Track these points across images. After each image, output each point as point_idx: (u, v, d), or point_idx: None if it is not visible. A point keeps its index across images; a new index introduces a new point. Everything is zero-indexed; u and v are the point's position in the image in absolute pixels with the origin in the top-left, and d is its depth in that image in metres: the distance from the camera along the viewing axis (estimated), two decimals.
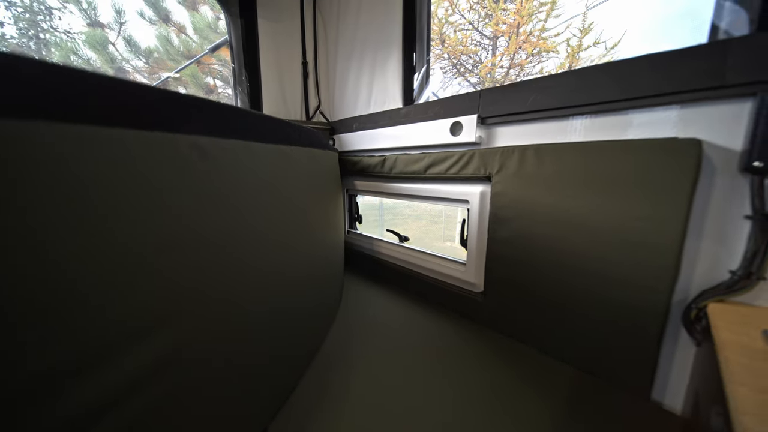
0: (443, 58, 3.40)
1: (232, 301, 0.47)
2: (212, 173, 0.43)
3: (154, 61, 3.91)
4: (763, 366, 0.37)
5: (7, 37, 4.42)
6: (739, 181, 0.53)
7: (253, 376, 0.53)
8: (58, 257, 0.26)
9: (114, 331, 0.30)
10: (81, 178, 0.28)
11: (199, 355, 0.41)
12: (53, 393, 0.26)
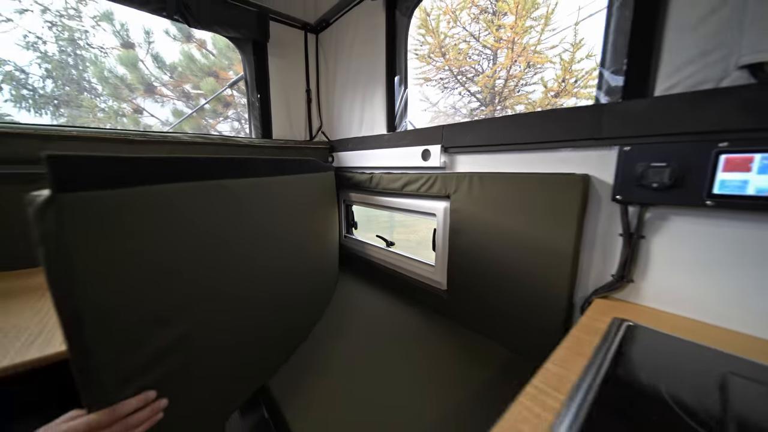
0: (444, 70, 3.57)
1: (246, 287, 0.69)
2: (232, 202, 0.65)
3: (177, 75, 4.26)
4: (588, 338, 0.56)
5: (50, 54, 4.90)
6: (614, 208, 0.71)
7: (260, 342, 0.75)
8: (156, 259, 0.48)
9: (170, 305, 0.53)
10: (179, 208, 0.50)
11: (221, 326, 0.63)
12: (130, 344, 0.48)
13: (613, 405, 0.40)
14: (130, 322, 0.46)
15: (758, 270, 0.55)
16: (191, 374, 0.56)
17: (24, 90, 4.66)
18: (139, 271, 0.47)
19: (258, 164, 0.74)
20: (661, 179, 0.59)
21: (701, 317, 0.62)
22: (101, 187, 0.42)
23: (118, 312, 0.45)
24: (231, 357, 0.67)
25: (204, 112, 4.63)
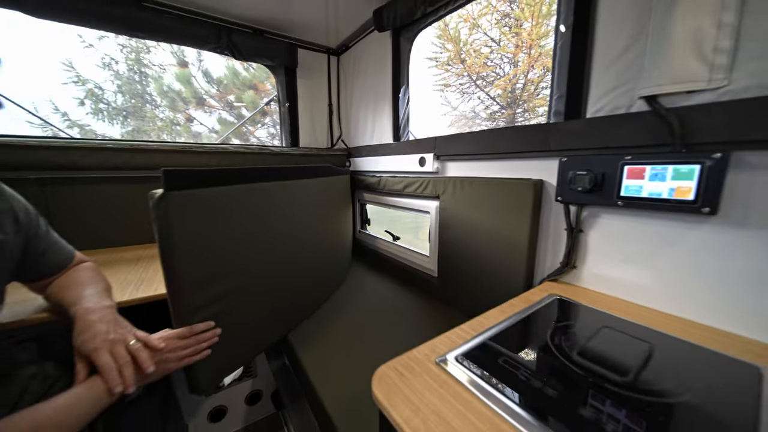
0: (463, 76, 3.69)
1: (276, 262, 0.95)
2: (267, 199, 0.90)
3: (222, 87, 4.80)
4: (519, 304, 0.74)
5: (121, 73, 5.73)
6: (560, 207, 0.86)
7: (284, 303, 1.00)
8: (218, 234, 0.75)
9: (224, 266, 0.79)
10: (224, 207, 0.76)
11: (257, 287, 0.89)
12: (207, 283, 0.75)
13: (500, 342, 0.59)
14: (201, 273, 0.73)
15: (655, 257, 0.70)
16: (235, 316, 0.82)
17: (101, 104, 5.50)
18: (208, 242, 0.73)
19: (285, 171, 1.00)
20: (584, 184, 0.75)
21: (617, 294, 0.77)
22: (189, 188, 0.68)
23: (196, 266, 0.71)
24: (263, 310, 0.93)
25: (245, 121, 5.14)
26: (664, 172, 0.64)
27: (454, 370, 0.50)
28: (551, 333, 0.61)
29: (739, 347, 0.55)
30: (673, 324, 0.64)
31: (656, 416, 0.40)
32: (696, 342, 0.57)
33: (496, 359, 0.53)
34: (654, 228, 0.69)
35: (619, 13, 0.71)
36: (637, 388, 0.45)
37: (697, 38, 0.58)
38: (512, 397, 0.44)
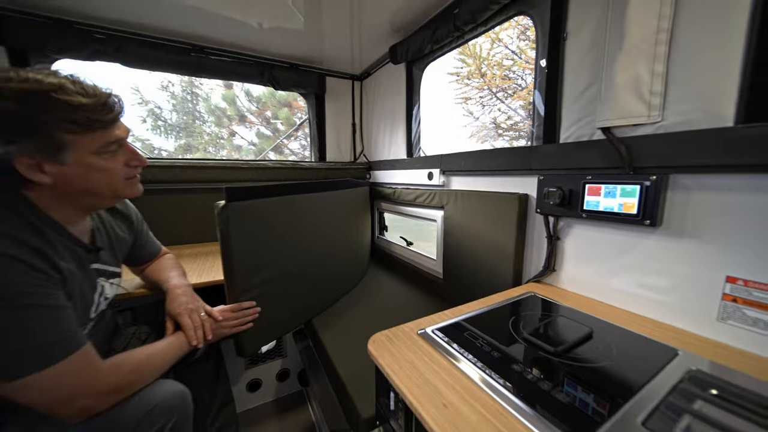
0: (483, 89, 3.81)
1: (304, 259, 1.17)
2: (296, 209, 1.13)
3: (261, 105, 5.32)
4: (498, 298, 0.89)
5: (176, 94, 6.52)
6: (542, 218, 1.00)
7: (310, 293, 1.22)
8: (261, 236, 0.98)
9: (265, 260, 1.02)
10: (265, 215, 1.00)
11: (287, 278, 1.11)
12: (252, 272, 0.98)
13: (470, 323, 0.75)
14: (248, 264, 0.96)
15: (615, 261, 0.82)
16: (271, 300, 1.05)
17: (159, 121, 6.29)
18: (253, 241, 0.97)
19: (312, 185, 1.23)
20: (555, 199, 0.89)
21: (585, 293, 0.90)
22: (242, 200, 0.92)
23: (245, 259, 0.95)
24: (292, 297, 1.15)
25: (279, 133, 5.62)
26: (614, 191, 0.77)
27: (428, 338, 0.68)
28: (514, 319, 0.76)
29: (668, 335, 0.67)
30: (622, 316, 0.77)
31: (571, 373, 0.55)
32: (632, 329, 0.69)
33: (462, 333, 0.69)
34: (615, 237, 0.82)
35: (578, 61, 0.86)
36: (563, 356, 0.60)
37: (636, 83, 0.72)
38: (466, 356, 0.60)
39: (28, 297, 0.55)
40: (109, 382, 0.63)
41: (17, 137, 0.57)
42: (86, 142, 0.62)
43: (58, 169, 0.61)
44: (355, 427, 0.77)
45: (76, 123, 0.60)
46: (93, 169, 0.65)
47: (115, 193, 0.72)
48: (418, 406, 0.49)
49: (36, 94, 0.56)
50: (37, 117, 0.56)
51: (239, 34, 1.54)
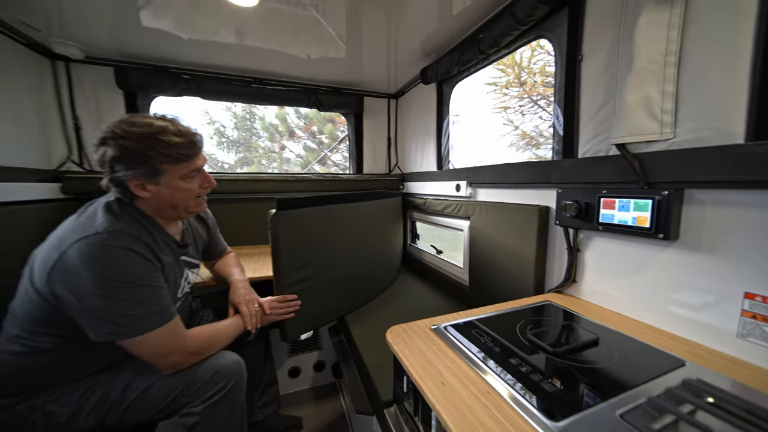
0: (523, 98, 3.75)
1: (340, 262, 1.32)
2: (334, 218, 1.30)
3: (308, 120, 5.80)
4: (515, 305, 0.94)
5: (237, 114, 7.39)
6: (562, 230, 1.03)
7: (344, 292, 1.37)
8: (304, 240, 1.16)
9: (307, 260, 1.19)
10: (308, 222, 1.18)
11: (325, 278, 1.27)
12: (296, 270, 1.15)
13: (481, 322, 0.82)
14: (293, 263, 1.14)
15: (630, 273, 0.83)
16: (310, 295, 1.21)
17: (223, 138, 7.17)
18: (298, 244, 1.15)
19: (349, 196, 1.39)
20: (571, 212, 0.92)
21: (603, 303, 0.91)
22: (289, 208, 1.11)
23: (290, 258, 1.13)
24: (329, 295, 1.30)
25: (324, 146, 6.05)
26: (628, 204, 0.79)
27: (439, 332, 0.77)
28: (523, 323, 0.81)
29: (681, 348, 0.68)
30: (636, 327, 0.78)
31: (564, 370, 0.61)
32: (643, 340, 0.71)
33: (471, 330, 0.77)
34: (632, 250, 0.83)
35: (594, 80, 0.90)
36: (561, 356, 0.65)
37: (647, 102, 0.75)
38: (469, 347, 0.69)
39: (143, 279, 0.77)
40: (191, 346, 0.83)
41: (132, 165, 0.80)
42: (176, 170, 0.84)
43: (155, 189, 0.84)
44: (376, 407, 0.88)
45: (170, 157, 0.82)
46: (177, 189, 0.87)
47: (187, 209, 0.93)
48: (420, 382, 0.59)
49: (148, 136, 0.79)
50: (146, 152, 0.79)
51: (291, 65, 1.80)
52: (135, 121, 0.80)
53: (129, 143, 0.78)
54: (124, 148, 0.77)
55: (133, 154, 0.78)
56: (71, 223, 0.80)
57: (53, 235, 0.78)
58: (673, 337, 0.73)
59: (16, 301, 0.79)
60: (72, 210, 0.87)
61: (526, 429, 0.47)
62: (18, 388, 0.75)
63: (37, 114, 1.48)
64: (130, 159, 0.78)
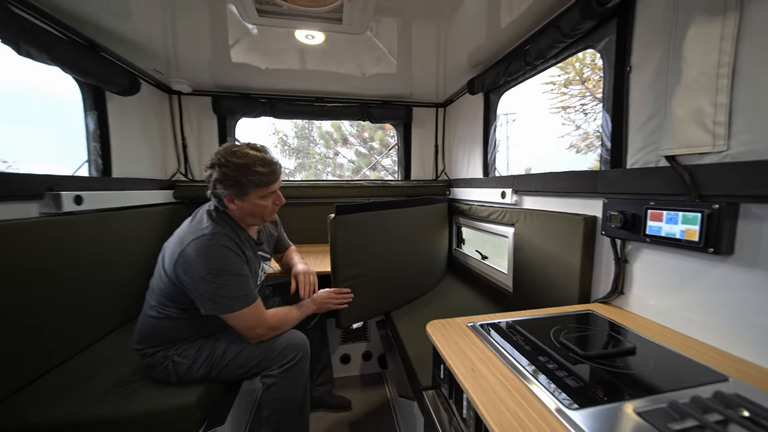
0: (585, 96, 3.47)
1: (388, 263, 1.47)
2: (384, 222, 1.45)
3: (360, 127, 6.13)
4: (556, 311, 0.97)
5: (298, 123, 8.13)
6: (609, 240, 1.02)
7: (391, 288, 1.51)
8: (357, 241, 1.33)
9: (359, 258, 1.36)
10: (361, 225, 1.34)
11: (374, 275, 1.43)
12: (350, 266, 1.33)
13: (518, 324, 0.88)
14: (347, 260, 1.31)
15: (680, 286, 0.81)
16: (361, 290, 1.38)
17: (285, 146, 7.95)
18: (351, 244, 1.32)
19: (397, 203, 1.53)
20: (616, 222, 0.92)
21: (651, 317, 0.89)
22: (346, 213, 1.28)
23: (345, 256, 1.30)
24: (378, 291, 1.46)
25: (374, 151, 6.33)
26: (676, 217, 0.79)
27: (474, 328, 0.85)
28: (559, 327, 0.85)
29: (729, 364, 0.66)
30: (683, 341, 0.76)
31: (591, 371, 0.65)
32: (687, 354, 0.71)
33: (505, 329, 0.84)
34: (683, 264, 0.81)
35: (642, 92, 0.90)
36: (592, 359, 0.69)
37: (698, 114, 0.74)
38: (500, 343, 0.76)
39: (235, 270, 1.00)
40: (270, 322, 1.05)
41: (228, 187, 1.03)
42: (257, 192, 1.07)
43: (240, 203, 1.07)
44: (417, 392, 1.00)
45: (255, 183, 1.04)
46: (256, 206, 1.09)
47: (263, 219, 1.16)
48: (454, 367, 0.69)
49: (243, 167, 1.02)
50: (240, 179, 1.02)
51: (347, 83, 2.01)
52: (235, 151, 1.04)
53: (229, 171, 1.02)
54: (224, 174, 1.02)
55: (230, 180, 1.02)
56: (188, 225, 1.07)
57: (176, 234, 1.06)
58: (723, 353, 0.71)
59: (154, 280, 1.09)
60: (180, 211, 1.15)
61: (543, 412, 0.54)
62: (156, 342, 1.04)
63: (159, 137, 1.92)
64: (228, 182, 1.03)
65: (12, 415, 0.89)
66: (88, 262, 1.26)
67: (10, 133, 4.85)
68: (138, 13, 1.20)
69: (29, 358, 1.02)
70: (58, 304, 1.12)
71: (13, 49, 1.02)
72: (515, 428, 0.51)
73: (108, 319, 1.38)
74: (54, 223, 1.14)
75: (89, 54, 1.32)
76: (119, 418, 0.92)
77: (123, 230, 1.47)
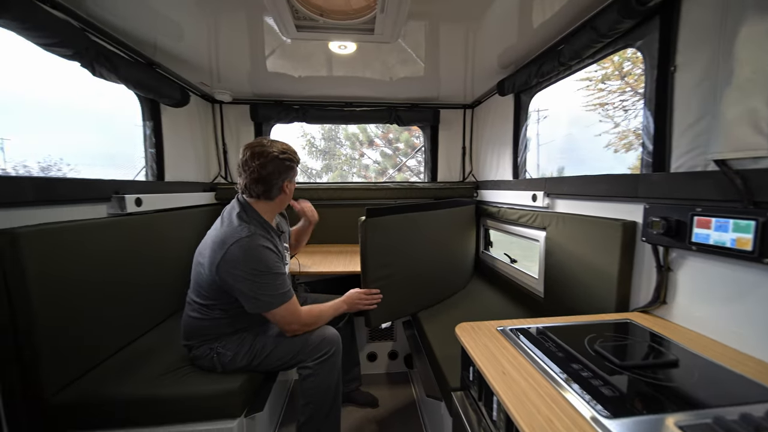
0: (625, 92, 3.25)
1: (415, 263, 1.50)
2: (413, 225, 1.47)
3: (386, 129, 6.18)
4: (593, 318, 0.95)
5: (325, 126, 8.35)
6: (649, 247, 0.98)
7: (418, 290, 1.54)
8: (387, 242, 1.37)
9: (389, 260, 1.40)
10: (390, 227, 1.38)
11: (403, 277, 1.46)
12: (379, 268, 1.37)
13: (549, 330, 0.87)
14: (377, 262, 1.36)
15: (732, 298, 0.76)
16: (389, 291, 1.41)
17: (312, 147, 8.20)
18: (381, 245, 1.36)
19: (424, 205, 1.55)
20: (658, 229, 0.88)
21: (697, 329, 0.84)
22: (376, 216, 1.33)
23: (375, 257, 1.35)
24: (405, 292, 1.49)
25: (399, 152, 6.36)
26: (726, 225, 0.74)
27: (504, 333, 0.86)
28: (594, 335, 0.83)
29: None
30: (735, 357, 0.72)
31: (629, 381, 0.64)
32: (739, 371, 0.67)
33: (536, 335, 0.84)
34: (736, 274, 0.77)
35: (688, 92, 0.85)
36: (629, 369, 0.67)
37: (752, 116, 0.70)
38: (531, 348, 0.76)
39: (274, 269, 1.08)
40: (305, 319, 1.12)
41: (289, 172, 1.16)
42: (293, 176, 1.19)
43: (289, 188, 1.19)
44: (445, 392, 1.02)
45: (297, 164, 1.17)
46: (290, 190, 1.22)
47: (285, 204, 1.30)
48: (484, 370, 0.71)
49: (293, 152, 1.17)
50: (295, 163, 1.15)
51: (376, 88, 2.05)
52: (286, 148, 1.20)
53: (289, 156, 1.18)
54: (286, 161, 1.17)
55: (287, 164, 1.18)
56: (221, 228, 1.11)
57: (211, 237, 1.12)
58: None
59: (195, 280, 1.18)
60: (220, 212, 1.23)
61: (577, 419, 0.55)
62: (201, 337, 1.14)
63: (203, 143, 2.09)
64: (289, 168, 1.19)
65: (89, 389, 1.02)
66: (145, 257, 1.41)
67: (72, 140, 5.48)
68: (189, 33, 1.32)
69: (99, 342, 1.16)
70: (121, 295, 1.26)
71: (89, 71, 1.17)
72: (546, 430, 0.52)
73: (160, 308, 1.53)
74: (118, 222, 1.29)
75: (149, 71, 1.48)
76: (174, 398, 1.03)
77: (173, 229, 1.62)
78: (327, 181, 2.69)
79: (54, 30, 0.97)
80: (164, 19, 1.20)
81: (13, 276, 0.90)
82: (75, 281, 1.07)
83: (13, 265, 0.90)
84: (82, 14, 1.11)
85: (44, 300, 0.95)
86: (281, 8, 1.08)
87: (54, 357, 0.98)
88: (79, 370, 1.08)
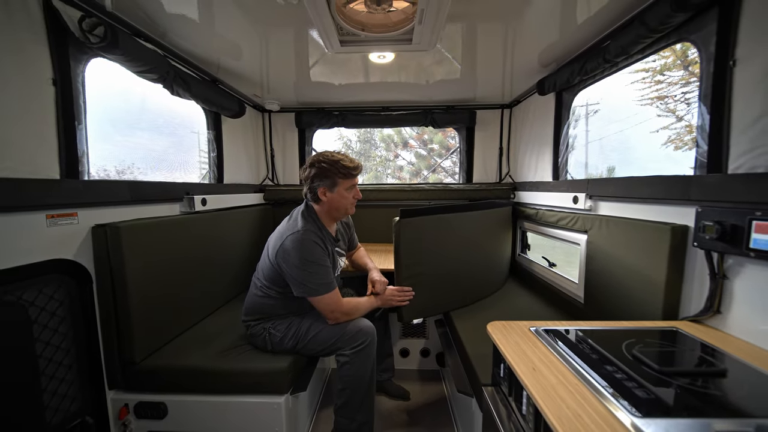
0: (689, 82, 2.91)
1: (445, 263, 1.53)
2: (446, 225, 1.51)
3: (420, 130, 6.20)
4: (640, 325, 0.92)
5: (361, 130, 8.57)
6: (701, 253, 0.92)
7: (451, 289, 1.57)
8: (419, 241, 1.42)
9: (420, 258, 1.45)
10: (424, 228, 1.44)
11: (435, 276, 1.50)
12: (412, 266, 1.42)
13: (584, 333, 0.86)
14: (410, 260, 1.42)
15: None
16: (422, 288, 1.46)
17: (349, 150, 8.46)
18: (414, 244, 1.42)
19: (458, 207, 1.58)
20: (711, 233, 0.83)
21: (753, 341, 0.79)
22: (409, 216, 1.39)
23: (407, 257, 1.41)
24: (438, 290, 1.53)
25: (433, 152, 6.34)
26: None
27: (537, 333, 0.87)
28: (634, 341, 0.81)
29: None
30: None
31: (672, 389, 0.63)
32: None
33: (570, 336, 0.84)
34: None
35: (749, 88, 0.79)
36: (669, 375, 0.66)
37: None
38: (564, 350, 0.77)
39: (320, 260, 1.19)
40: (345, 308, 1.22)
41: (324, 179, 1.25)
42: (344, 183, 1.27)
43: (330, 195, 1.27)
44: (476, 388, 1.05)
45: (343, 174, 1.24)
46: (341, 197, 1.29)
47: (345, 211, 1.36)
48: (515, 365, 0.73)
49: (335, 161, 1.24)
50: (332, 171, 1.24)
51: (412, 92, 2.11)
52: (326, 154, 1.30)
53: (324, 165, 1.26)
54: (320, 169, 1.26)
55: (325, 172, 1.26)
56: (286, 223, 1.32)
57: (278, 230, 1.32)
58: None
59: (260, 265, 1.35)
60: (268, 211, 1.41)
61: (605, 414, 0.56)
62: (259, 315, 1.30)
63: (254, 149, 2.31)
64: (323, 175, 1.26)
65: (170, 356, 1.24)
66: (209, 250, 1.62)
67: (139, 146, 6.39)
68: (246, 52, 1.50)
69: (176, 319, 1.38)
70: (192, 281, 1.47)
71: (168, 91, 1.38)
72: (573, 422, 0.54)
73: (222, 293, 1.75)
74: (189, 219, 1.50)
75: (213, 88, 1.69)
76: (234, 372, 1.19)
77: (230, 225, 1.83)
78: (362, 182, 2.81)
79: (147, 60, 1.18)
80: (226, 41, 1.38)
81: (116, 262, 1.11)
82: (158, 268, 1.28)
83: (115, 253, 1.11)
84: (166, 44, 1.32)
85: (137, 284, 1.16)
86: (327, 24, 1.18)
87: (144, 329, 1.19)
88: (162, 341, 1.30)
